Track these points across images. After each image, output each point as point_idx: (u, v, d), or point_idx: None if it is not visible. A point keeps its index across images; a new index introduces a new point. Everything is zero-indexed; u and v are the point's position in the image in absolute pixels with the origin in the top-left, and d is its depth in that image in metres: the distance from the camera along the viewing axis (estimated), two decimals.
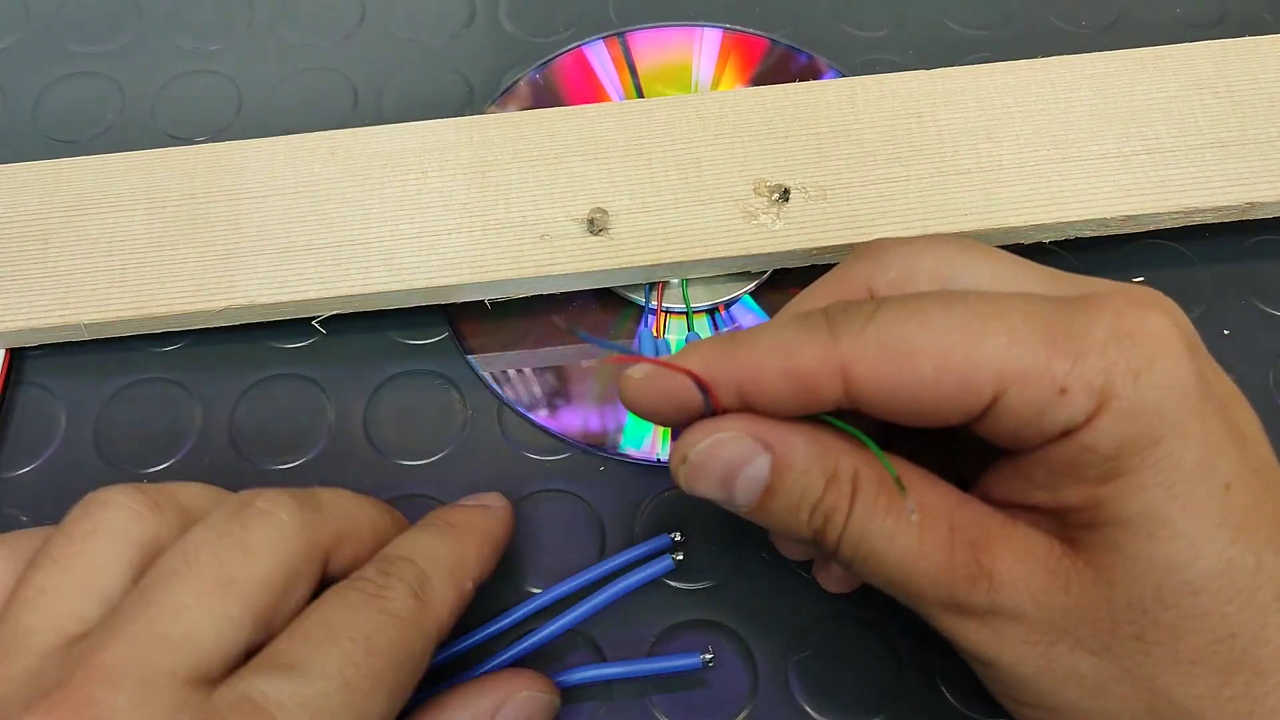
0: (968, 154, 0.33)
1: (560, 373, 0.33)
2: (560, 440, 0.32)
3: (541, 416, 0.32)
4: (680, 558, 0.28)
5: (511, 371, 0.33)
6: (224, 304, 0.31)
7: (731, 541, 0.30)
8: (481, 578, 0.26)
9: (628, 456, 0.31)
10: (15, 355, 0.33)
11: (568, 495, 0.31)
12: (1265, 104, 0.34)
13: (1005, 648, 0.22)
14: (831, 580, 0.29)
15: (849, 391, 0.22)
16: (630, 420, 0.32)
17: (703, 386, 0.23)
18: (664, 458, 0.31)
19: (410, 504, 0.31)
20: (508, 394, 0.32)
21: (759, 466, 0.23)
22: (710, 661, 0.27)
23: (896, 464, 0.23)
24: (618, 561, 0.28)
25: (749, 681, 0.28)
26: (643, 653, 0.28)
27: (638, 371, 0.25)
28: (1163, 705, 0.22)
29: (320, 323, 0.33)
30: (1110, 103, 0.34)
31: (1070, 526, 0.22)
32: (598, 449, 0.31)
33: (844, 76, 0.38)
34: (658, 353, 0.32)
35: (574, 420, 0.32)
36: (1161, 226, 0.33)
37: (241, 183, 0.33)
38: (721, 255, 0.32)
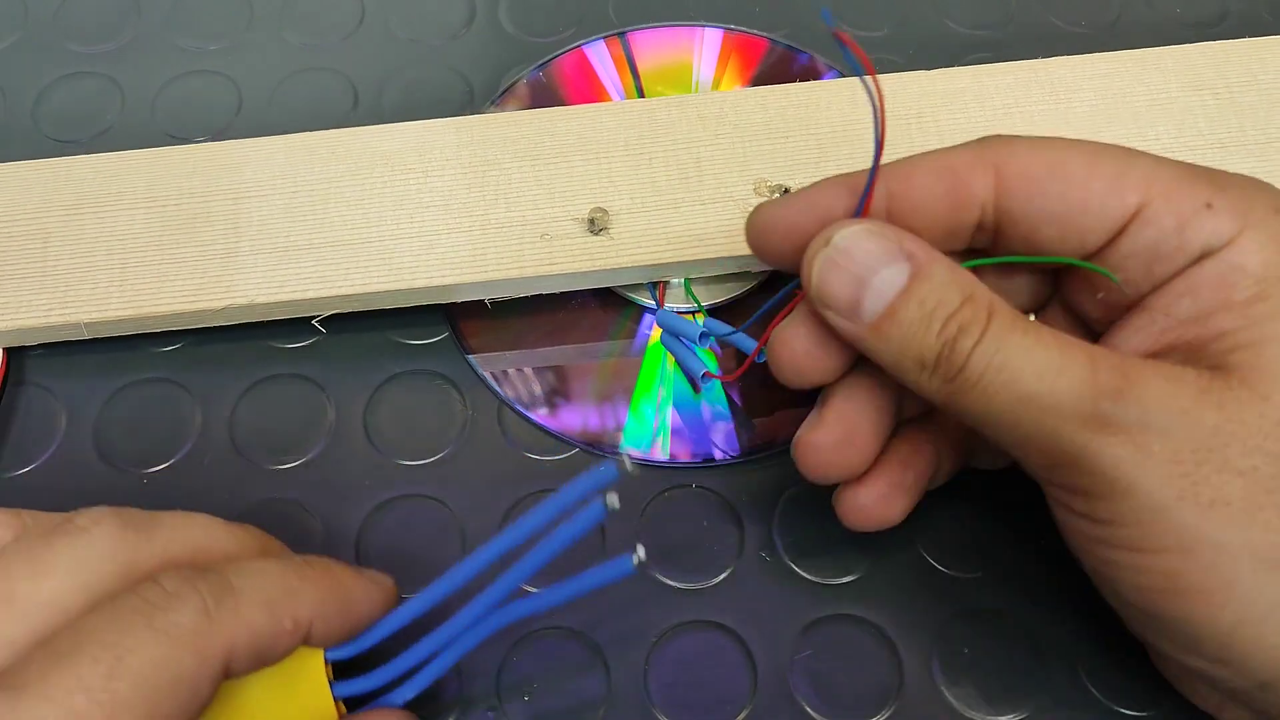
0: None
1: (561, 372, 0.33)
2: (560, 440, 0.32)
3: (542, 416, 0.32)
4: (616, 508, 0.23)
5: (512, 371, 0.33)
6: (224, 304, 0.31)
7: (732, 542, 0.30)
8: (313, 626, 0.23)
9: (627, 457, 0.31)
10: (15, 355, 0.33)
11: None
12: (1265, 106, 0.34)
13: (1149, 466, 0.21)
14: (854, 511, 0.27)
15: (999, 191, 0.23)
16: (631, 420, 0.32)
17: (879, 148, 0.23)
18: (665, 457, 0.31)
19: (410, 504, 0.31)
20: (508, 394, 0.32)
21: (898, 270, 0.23)
22: (642, 562, 0.23)
23: (1020, 313, 0.23)
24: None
25: (749, 681, 0.28)
26: (642, 654, 0.28)
27: (774, 199, 0.25)
28: None
29: (320, 322, 0.33)
30: (1111, 103, 0.34)
31: (1217, 354, 0.22)
32: (598, 449, 0.31)
33: (844, 76, 0.38)
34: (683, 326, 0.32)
35: (574, 420, 0.32)
36: None
37: (241, 182, 0.33)
38: (721, 255, 0.32)
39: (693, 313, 0.33)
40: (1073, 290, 0.26)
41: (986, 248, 0.25)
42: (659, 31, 0.39)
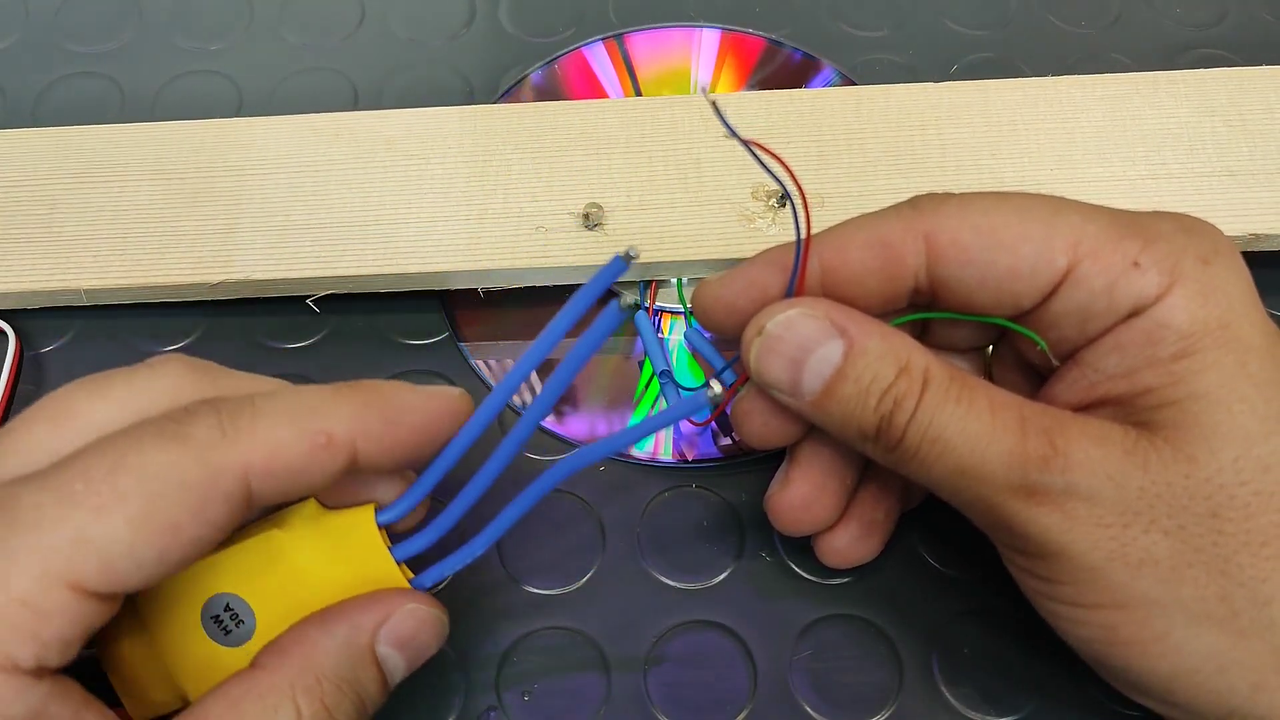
0: (970, 169, 0.33)
1: None
2: (560, 440, 0.31)
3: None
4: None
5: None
6: (220, 278, 0.32)
7: (732, 542, 0.30)
8: (357, 444, 0.22)
9: (628, 457, 0.31)
10: (20, 358, 0.33)
11: (568, 495, 0.31)
12: (1278, 134, 0.34)
13: (1078, 532, 0.22)
14: (832, 553, 0.28)
15: (931, 260, 0.23)
16: (632, 419, 0.32)
17: (802, 243, 0.24)
18: (665, 457, 0.31)
19: None
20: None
21: (832, 349, 0.23)
22: (716, 397, 0.21)
23: (959, 372, 0.23)
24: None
25: (749, 681, 0.28)
26: (642, 654, 0.28)
27: (715, 275, 0.26)
28: (1234, 589, 0.22)
29: (320, 312, 0.33)
30: (1119, 125, 0.34)
31: (1144, 410, 0.22)
32: None
33: (843, 76, 0.38)
34: (660, 342, 0.32)
35: (574, 420, 0.32)
36: None
37: (246, 159, 0.34)
38: (715, 257, 0.32)
39: (679, 313, 0.33)
40: (1014, 339, 0.26)
41: (927, 304, 0.25)
42: (656, 33, 0.39)
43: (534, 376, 0.33)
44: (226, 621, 0.23)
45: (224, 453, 0.21)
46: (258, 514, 0.24)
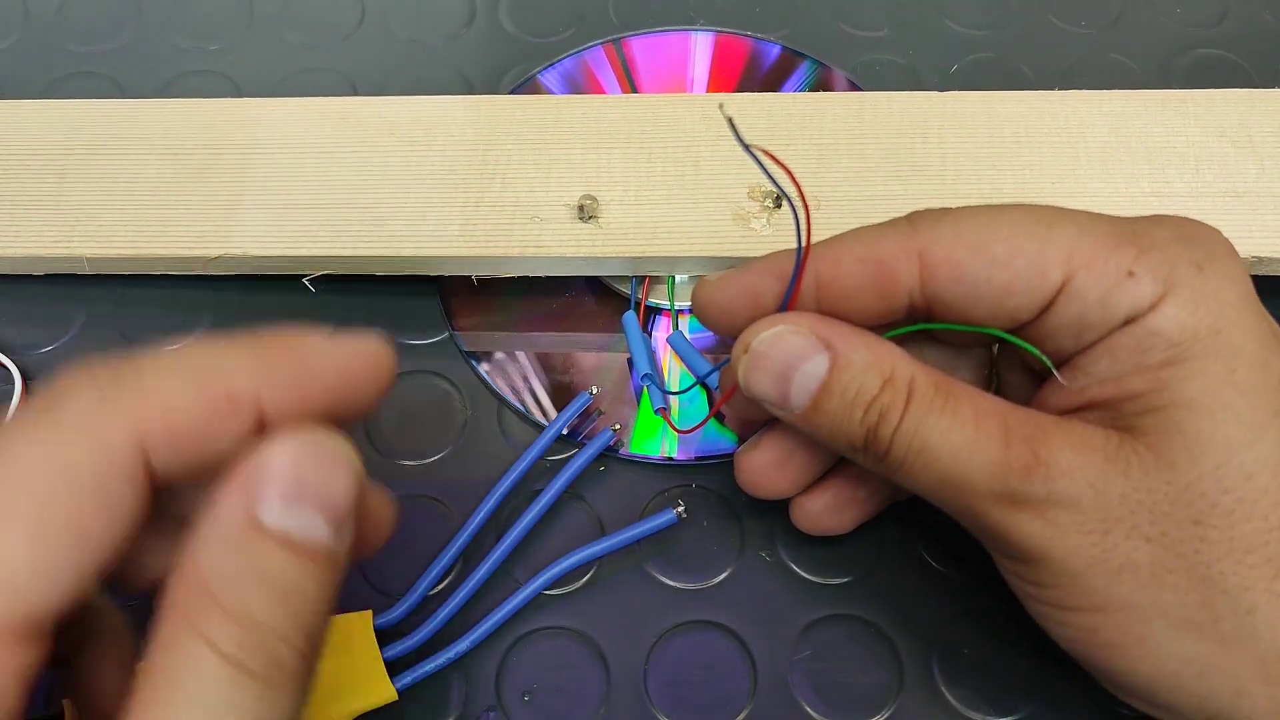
0: (970, 179, 0.33)
1: (562, 372, 0.33)
2: (560, 440, 0.31)
3: (541, 416, 0.32)
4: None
5: (511, 370, 0.33)
6: (219, 252, 0.32)
7: (732, 542, 0.30)
8: (262, 397, 0.20)
9: (629, 457, 0.31)
10: (20, 359, 0.33)
11: (568, 495, 0.31)
12: None
13: (1060, 538, 0.22)
14: (803, 516, 0.28)
15: (925, 278, 0.23)
16: (632, 419, 0.32)
17: (800, 260, 0.24)
18: (665, 457, 0.31)
19: (410, 504, 0.31)
20: (507, 394, 0.32)
21: (818, 364, 0.24)
22: (684, 513, 0.28)
23: (945, 381, 0.24)
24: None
25: (749, 681, 0.28)
26: (642, 654, 0.28)
27: (714, 276, 0.26)
28: (1216, 597, 0.22)
29: (315, 289, 0.33)
30: (1125, 142, 0.33)
31: (1130, 415, 0.22)
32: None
33: (842, 76, 0.38)
34: (646, 344, 0.32)
35: (575, 420, 0.32)
36: None
37: (252, 138, 0.34)
38: (707, 255, 0.32)
39: (664, 310, 0.33)
40: (1008, 348, 0.26)
41: (926, 313, 0.25)
42: (656, 37, 0.39)
43: (529, 364, 0.33)
44: None
45: (107, 424, 0.18)
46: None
